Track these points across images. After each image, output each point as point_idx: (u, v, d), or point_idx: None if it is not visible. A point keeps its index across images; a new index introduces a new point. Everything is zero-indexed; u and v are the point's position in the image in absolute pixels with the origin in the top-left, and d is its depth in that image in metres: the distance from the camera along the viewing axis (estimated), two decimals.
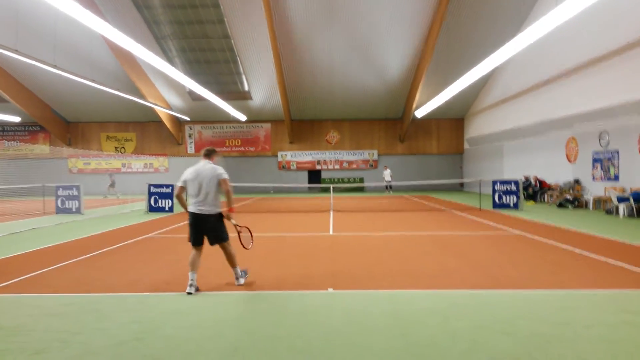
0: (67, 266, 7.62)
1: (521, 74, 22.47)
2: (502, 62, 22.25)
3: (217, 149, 6.98)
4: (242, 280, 6.31)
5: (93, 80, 18.18)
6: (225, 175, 6.12)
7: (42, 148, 32.52)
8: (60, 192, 16.81)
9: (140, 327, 4.68)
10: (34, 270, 7.29)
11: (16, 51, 13.13)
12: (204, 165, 6.11)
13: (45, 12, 19.95)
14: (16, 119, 28.36)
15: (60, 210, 16.69)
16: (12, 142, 32.67)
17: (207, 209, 6.00)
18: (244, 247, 6.47)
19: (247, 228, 6.82)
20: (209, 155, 6.28)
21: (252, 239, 6.88)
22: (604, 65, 16.24)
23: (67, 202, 16.76)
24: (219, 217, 6.12)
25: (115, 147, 33.10)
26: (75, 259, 8.17)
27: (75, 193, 16.80)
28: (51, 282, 6.54)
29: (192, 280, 5.88)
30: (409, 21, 21.89)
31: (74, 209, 16.70)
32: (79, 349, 4.11)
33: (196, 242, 6.06)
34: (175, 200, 6.53)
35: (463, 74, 18.21)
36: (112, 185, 28.29)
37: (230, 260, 6.26)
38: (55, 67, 15.29)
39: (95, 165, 33.05)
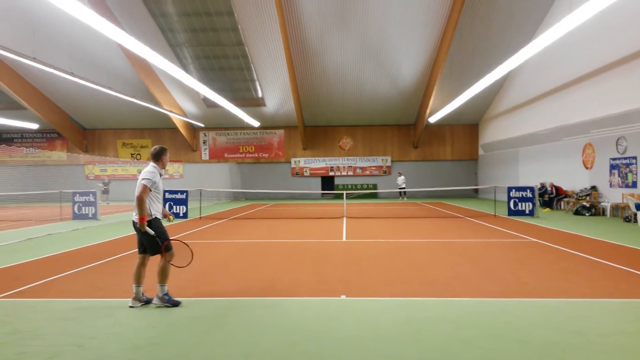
0: (83, 271, 7.71)
1: (536, 79, 22.28)
2: (517, 67, 22.15)
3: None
4: (156, 300, 5.61)
5: (109, 88, 18.44)
6: (146, 179, 5.47)
7: (59, 155, 33.01)
8: (77, 198, 17.03)
9: (155, 332, 4.71)
10: (49, 275, 7.39)
11: (34, 59, 13.38)
12: (145, 168, 5.72)
13: (63, 20, 20.30)
14: (34, 126, 28.83)
15: (76, 216, 16.90)
16: (31, 148, 33.24)
17: (134, 216, 5.59)
18: (171, 264, 5.65)
19: (181, 241, 5.93)
20: (152, 156, 5.79)
21: (191, 254, 5.78)
22: (621, 70, 16.04)
23: (83, 208, 16.97)
24: (147, 225, 5.50)
25: (131, 154, 33.49)
26: (91, 265, 8.26)
27: (92, 199, 17.00)
28: (66, 287, 6.62)
29: (134, 293, 5.64)
30: (422, 27, 21.86)
31: (90, 215, 16.90)
32: (94, 353, 4.15)
33: (139, 250, 5.76)
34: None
35: (477, 80, 18.16)
36: (106, 192, 28.39)
37: (159, 275, 5.60)
38: (72, 74, 15.54)
39: (111, 172, 33.45)
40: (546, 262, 8.23)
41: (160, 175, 5.75)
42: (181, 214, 17.30)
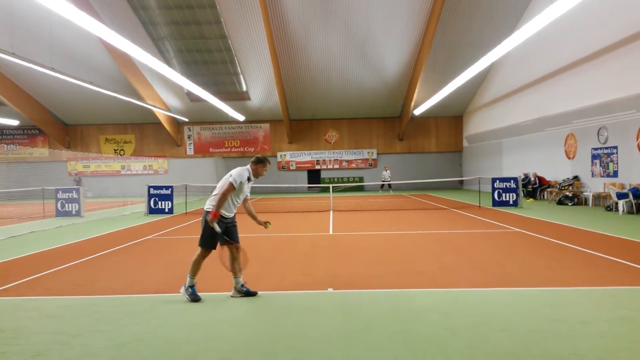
0: (67, 269, 7.63)
1: (519, 70, 22.48)
2: (500, 59, 22.29)
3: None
4: (182, 290, 5.67)
5: (91, 83, 18.19)
6: (232, 178, 5.55)
7: (41, 151, 32.50)
8: (60, 195, 16.78)
9: (140, 328, 4.69)
10: (33, 273, 7.30)
11: (13, 54, 13.13)
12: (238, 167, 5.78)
13: (41, 14, 19.91)
14: (14, 122, 28.35)
15: (60, 213, 16.67)
16: (11, 145, 32.66)
17: (206, 204, 5.70)
18: (224, 265, 5.71)
19: (238, 246, 5.81)
20: (253, 162, 5.83)
21: (246, 259, 5.84)
22: (601, 61, 16.26)
23: (66, 204, 16.74)
24: (206, 215, 5.59)
25: (115, 150, 33.10)
26: (75, 262, 8.17)
27: (75, 196, 16.77)
28: (51, 285, 6.55)
29: (234, 284, 5.79)
30: (406, 19, 21.89)
31: (73, 212, 16.68)
32: (79, 351, 4.11)
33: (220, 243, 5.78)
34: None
35: (461, 71, 18.24)
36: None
37: (191, 265, 5.64)
38: (52, 69, 15.30)
39: (94, 168, 33.04)
40: (530, 251, 8.35)
41: (249, 180, 5.72)
42: (167, 210, 17.18)
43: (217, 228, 5.50)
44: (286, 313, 5.10)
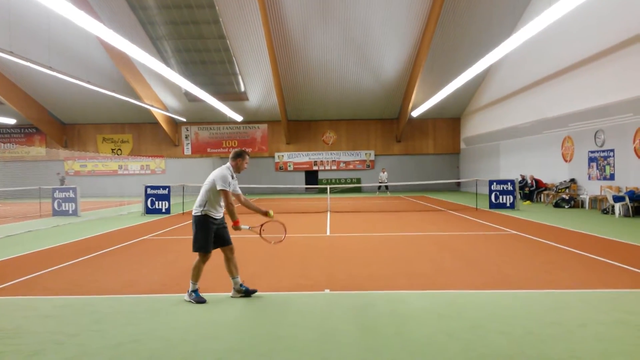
0: (64, 268, 7.61)
1: (517, 73, 22.53)
2: (498, 61, 22.36)
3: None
4: (186, 297, 5.62)
5: (89, 82, 18.16)
6: (222, 184, 5.51)
7: (38, 150, 32.40)
8: (56, 195, 16.76)
9: (137, 328, 4.67)
10: (30, 272, 7.27)
11: (11, 53, 13.10)
12: (217, 169, 5.74)
13: (40, 13, 19.88)
14: (12, 121, 28.26)
15: (56, 213, 16.64)
16: (8, 144, 32.55)
17: (193, 209, 5.70)
18: (274, 242, 6.41)
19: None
20: (230, 157, 5.86)
21: (284, 231, 6.54)
22: (598, 64, 16.31)
23: (63, 204, 16.71)
24: (195, 220, 5.60)
25: (112, 149, 33.02)
26: (72, 261, 8.15)
27: (72, 195, 16.75)
28: (47, 285, 6.52)
29: (233, 284, 5.81)
30: (405, 21, 21.93)
31: (70, 212, 16.65)
32: (76, 351, 4.10)
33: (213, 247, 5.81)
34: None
35: (459, 73, 18.30)
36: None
37: (192, 271, 5.60)
38: (50, 68, 15.27)
39: (91, 168, 32.94)
40: (527, 254, 8.36)
41: (233, 177, 5.73)
42: (164, 210, 17.15)
43: (246, 227, 5.95)
44: (283, 314, 5.10)
